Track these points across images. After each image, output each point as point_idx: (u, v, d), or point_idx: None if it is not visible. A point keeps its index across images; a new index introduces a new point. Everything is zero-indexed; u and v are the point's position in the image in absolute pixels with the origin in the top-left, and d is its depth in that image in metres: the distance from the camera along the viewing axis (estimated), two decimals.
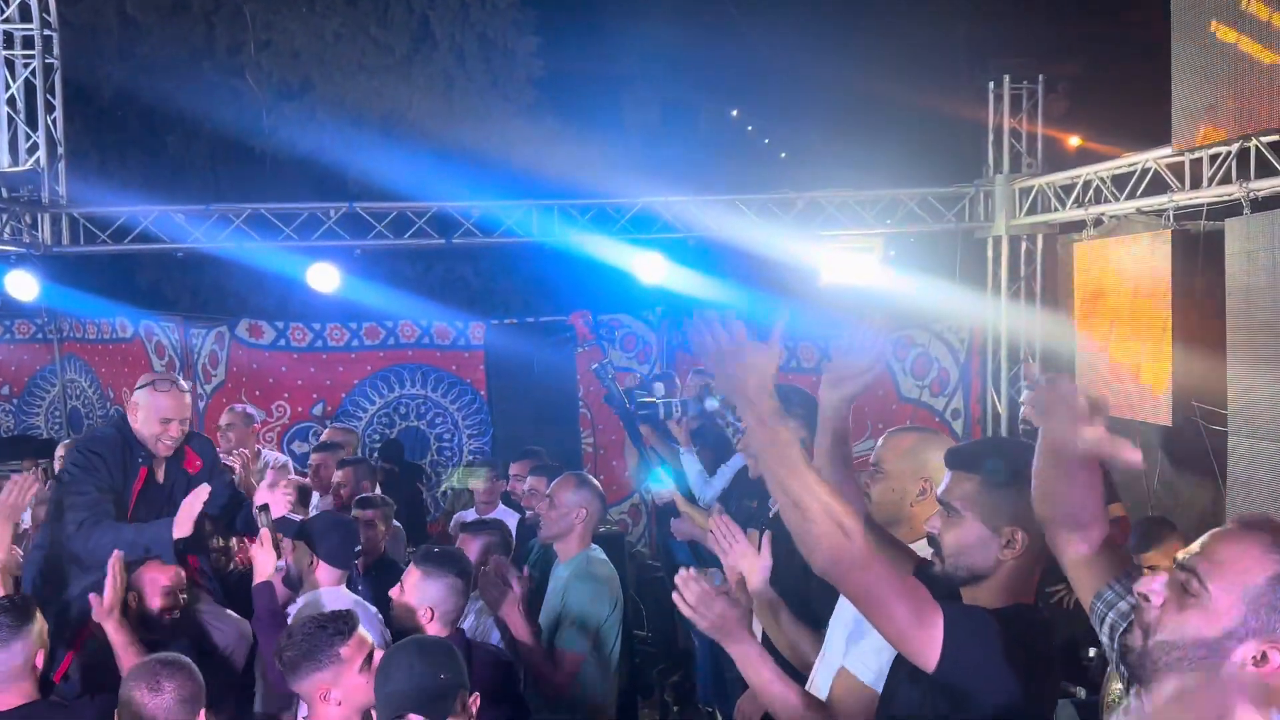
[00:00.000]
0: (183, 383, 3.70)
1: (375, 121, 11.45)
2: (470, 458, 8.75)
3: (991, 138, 7.47)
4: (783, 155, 19.17)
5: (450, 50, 11.94)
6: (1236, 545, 1.43)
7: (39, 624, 2.73)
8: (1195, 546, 1.47)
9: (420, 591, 2.92)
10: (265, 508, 3.42)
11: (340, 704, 2.53)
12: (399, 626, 2.96)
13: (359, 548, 3.62)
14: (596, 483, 3.77)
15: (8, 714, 2.61)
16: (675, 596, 2.28)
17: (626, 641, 5.07)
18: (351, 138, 11.11)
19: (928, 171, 8.76)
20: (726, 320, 1.91)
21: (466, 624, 3.24)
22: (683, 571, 2.30)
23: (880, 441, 2.56)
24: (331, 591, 3.31)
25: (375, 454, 7.96)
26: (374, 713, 2.36)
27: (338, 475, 4.89)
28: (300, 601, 3.29)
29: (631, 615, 6.19)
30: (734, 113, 20.85)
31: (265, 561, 3.24)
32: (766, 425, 1.82)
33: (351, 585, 3.57)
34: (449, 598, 2.94)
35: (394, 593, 3.04)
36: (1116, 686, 3.06)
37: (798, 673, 2.51)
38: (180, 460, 3.67)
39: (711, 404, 4.64)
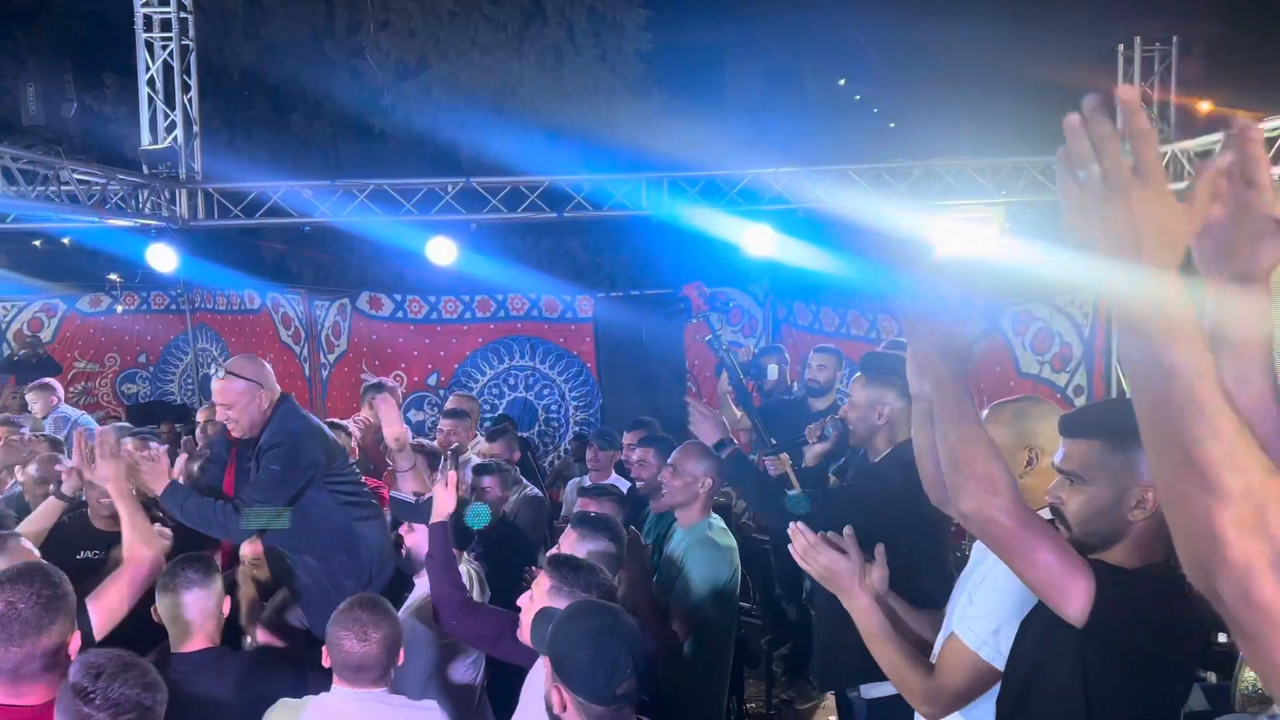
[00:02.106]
0: (226, 376, 3.72)
1: (488, 98, 11.64)
2: (576, 429, 8.90)
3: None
4: (891, 124, 18.70)
5: (560, 25, 12.04)
6: None
7: (220, 579, 2.95)
8: None
9: (577, 553, 3.02)
10: (457, 449, 3.59)
11: None
12: None
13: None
14: (715, 452, 3.81)
15: (196, 654, 2.80)
16: (789, 547, 2.35)
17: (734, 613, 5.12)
18: (465, 115, 11.33)
19: (1050, 139, 8.42)
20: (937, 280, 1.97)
21: None
22: (793, 525, 2.34)
23: (983, 415, 2.52)
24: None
25: (488, 424, 8.17)
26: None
27: (491, 446, 5.05)
28: (421, 585, 3.45)
29: (737, 590, 6.24)
30: (841, 81, 20.41)
31: (446, 502, 3.28)
32: (951, 384, 1.90)
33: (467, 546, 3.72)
34: (603, 560, 3.05)
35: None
36: (1250, 674, 2.96)
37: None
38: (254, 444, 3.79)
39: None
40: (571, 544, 3.05)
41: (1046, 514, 2.17)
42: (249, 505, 3.57)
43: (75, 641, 2.31)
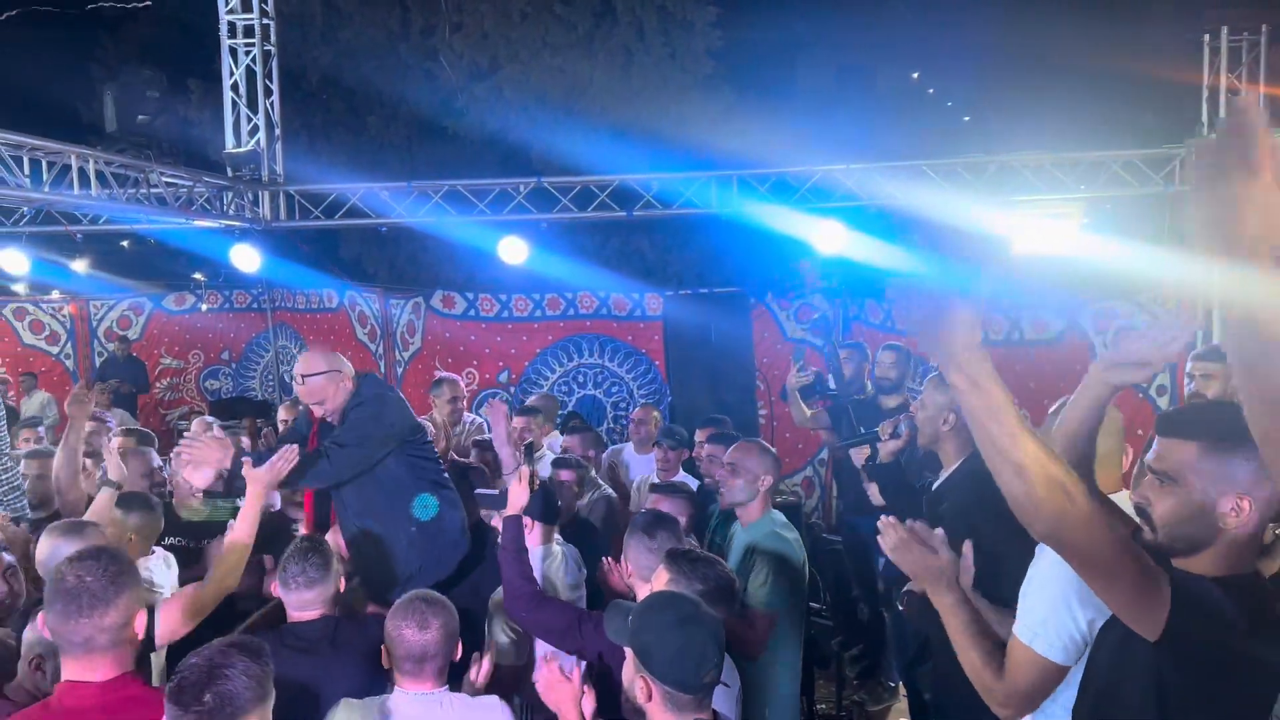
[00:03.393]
0: (304, 366, 3.83)
1: (558, 98, 11.75)
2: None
3: (1206, 94, 6.94)
4: (966, 119, 18.33)
5: (630, 25, 12.08)
6: None
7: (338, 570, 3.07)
8: None
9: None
10: (530, 446, 3.68)
11: None
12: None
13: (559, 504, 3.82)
14: (773, 450, 3.82)
15: (314, 622, 2.93)
16: (879, 539, 2.36)
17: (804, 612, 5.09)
18: (536, 115, 11.46)
19: (1130, 133, 8.23)
20: (921, 284, 1.77)
21: None
22: (883, 519, 2.33)
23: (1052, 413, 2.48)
24: (541, 549, 3.52)
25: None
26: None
27: (569, 440, 5.13)
28: None
29: (807, 587, 6.20)
30: (914, 75, 20.08)
31: (519, 496, 3.35)
32: (979, 386, 1.67)
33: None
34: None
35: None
36: None
37: None
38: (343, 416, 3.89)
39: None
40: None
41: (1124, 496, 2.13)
42: (334, 451, 3.67)
43: (141, 620, 2.39)
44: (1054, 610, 2.10)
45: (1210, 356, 4.37)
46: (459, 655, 2.79)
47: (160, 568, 3.65)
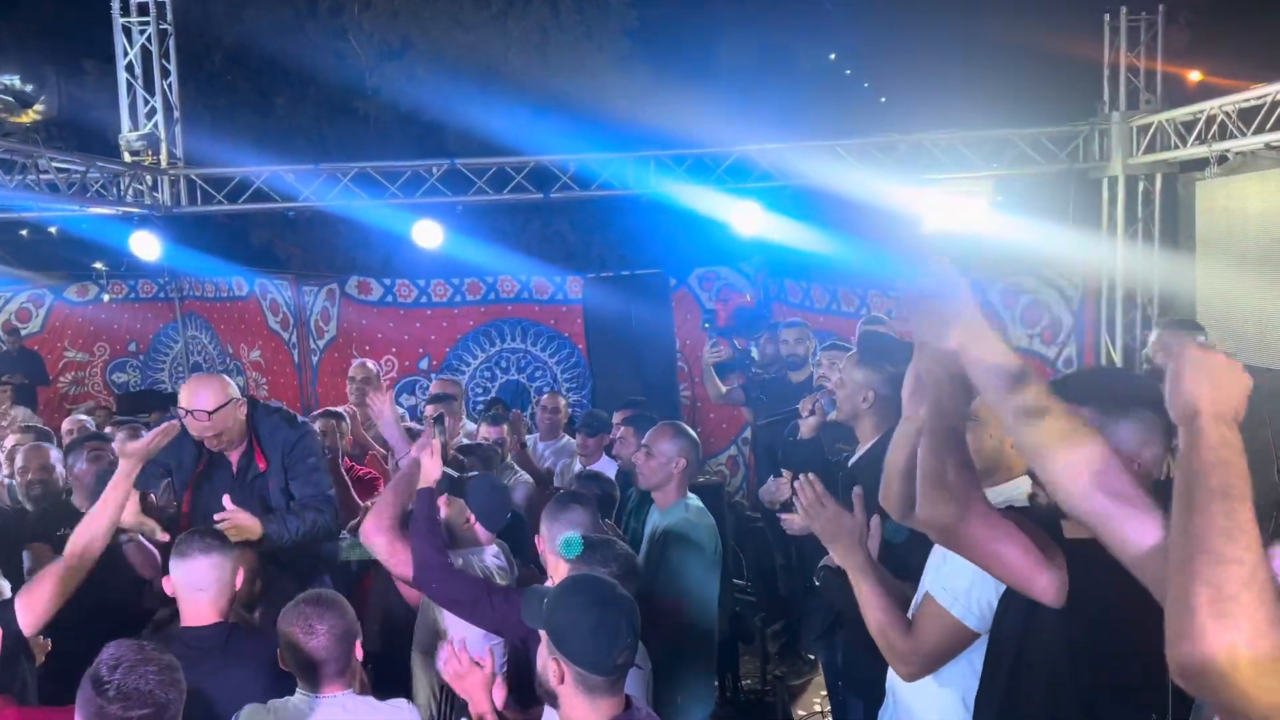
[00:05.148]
0: (202, 405, 3.54)
1: (472, 77, 11.56)
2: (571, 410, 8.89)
3: (1107, 73, 7.11)
4: (883, 99, 18.59)
5: (545, 3, 11.94)
6: None
7: (237, 554, 2.93)
8: None
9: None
10: (440, 419, 3.61)
11: None
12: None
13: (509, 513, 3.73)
14: (693, 433, 3.80)
15: (209, 629, 2.75)
16: (794, 499, 2.41)
17: (726, 590, 5.12)
18: (450, 95, 11.25)
19: (1038, 111, 8.39)
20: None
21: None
22: (803, 476, 2.35)
23: None
24: (488, 550, 3.43)
25: (479, 408, 8.16)
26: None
27: (491, 432, 5.04)
28: (457, 558, 3.41)
29: (731, 564, 6.24)
30: (832, 56, 20.27)
31: (431, 469, 3.28)
32: (951, 417, 1.86)
33: None
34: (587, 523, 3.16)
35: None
36: None
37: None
38: (251, 454, 3.69)
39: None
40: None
41: (1028, 484, 2.16)
42: (325, 502, 3.63)
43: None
44: (981, 580, 2.13)
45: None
46: (361, 654, 2.69)
47: None
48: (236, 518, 3.36)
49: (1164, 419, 1.82)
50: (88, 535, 2.96)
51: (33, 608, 2.78)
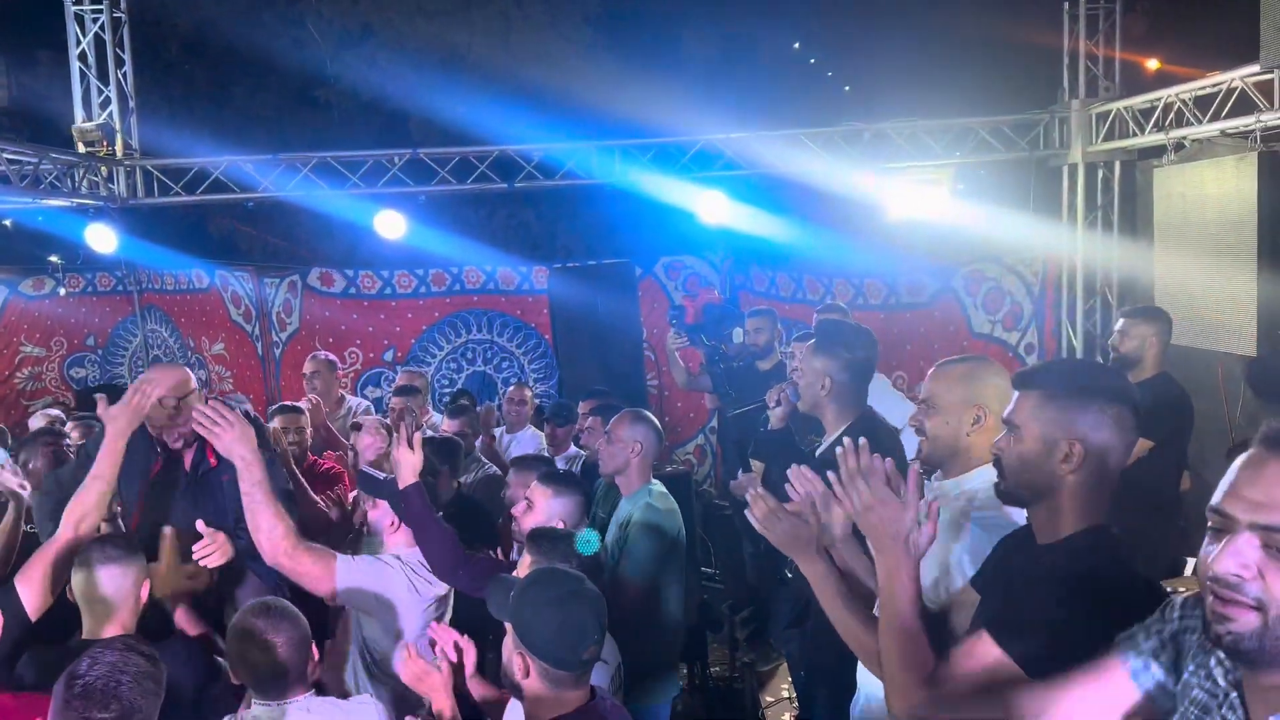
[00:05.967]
0: (171, 390, 3.48)
1: (435, 65, 11.45)
2: (536, 402, 8.86)
3: (1067, 61, 7.18)
4: (847, 89, 18.66)
5: None
6: None
7: (143, 561, 2.86)
8: (1238, 488, 1.31)
9: (551, 508, 3.21)
10: (411, 411, 3.56)
11: None
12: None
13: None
14: (654, 419, 3.81)
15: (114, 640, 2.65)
16: (746, 512, 2.30)
17: (694, 578, 5.13)
18: (412, 83, 11.15)
19: (999, 99, 8.47)
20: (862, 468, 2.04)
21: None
22: (753, 490, 2.32)
23: (929, 375, 2.51)
24: (408, 552, 3.38)
25: (445, 400, 8.11)
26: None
27: (452, 424, 5.00)
28: (370, 557, 3.36)
29: (699, 553, 6.26)
30: (796, 45, 20.30)
31: (411, 461, 3.17)
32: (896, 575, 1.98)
33: None
34: (575, 513, 3.24)
35: (519, 510, 3.29)
36: None
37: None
38: (203, 450, 3.59)
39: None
40: (546, 502, 3.24)
41: (987, 475, 2.18)
42: (286, 498, 3.52)
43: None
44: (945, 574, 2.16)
45: (1131, 315, 4.70)
46: (319, 655, 2.66)
47: None
48: (217, 540, 3.26)
49: (1125, 410, 1.86)
50: (80, 510, 2.92)
51: (33, 588, 2.75)
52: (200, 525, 3.27)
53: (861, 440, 2.08)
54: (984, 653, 1.80)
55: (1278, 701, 1.30)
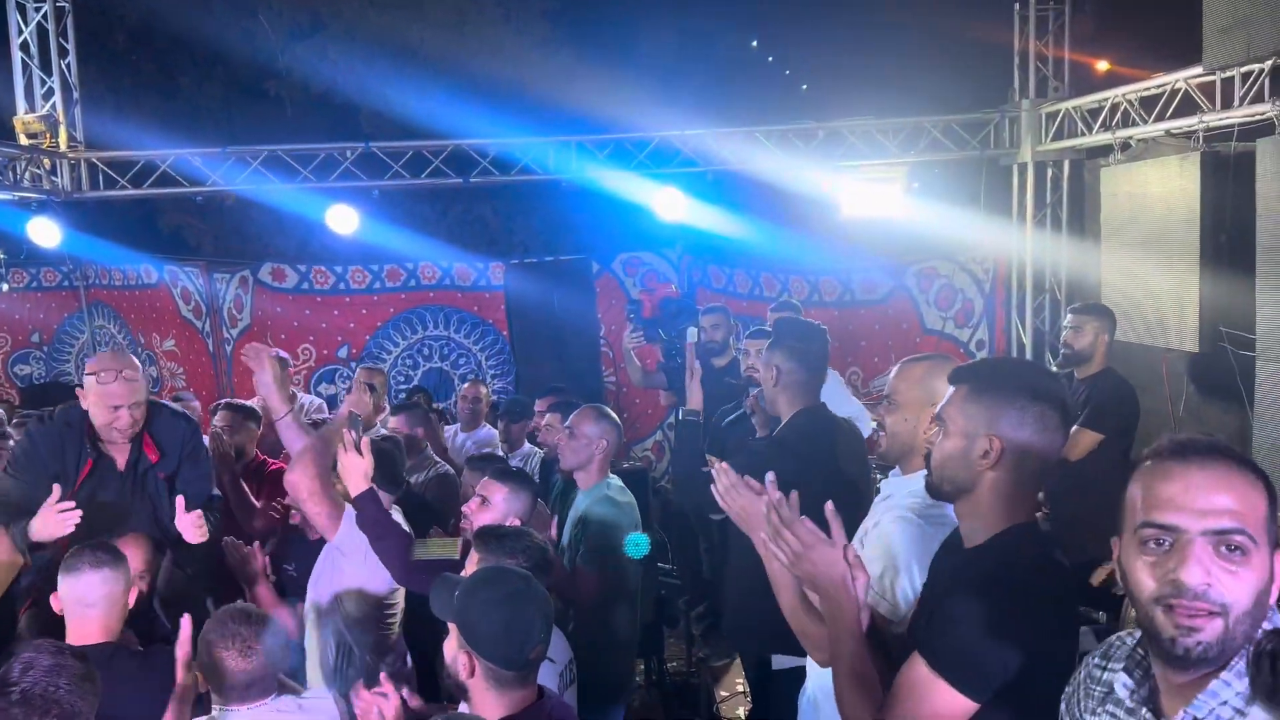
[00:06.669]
0: (130, 369, 3.46)
1: (387, 58, 11.31)
2: (493, 399, 8.81)
3: (1017, 61, 7.29)
4: (804, 87, 18.76)
5: None
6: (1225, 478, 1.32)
7: (127, 571, 2.81)
8: (1175, 500, 1.33)
9: (508, 505, 3.22)
10: (355, 416, 3.54)
11: None
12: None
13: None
14: (615, 415, 3.83)
15: (93, 648, 2.60)
16: (712, 486, 2.29)
17: (651, 573, 5.14)
18: (364, 76, 11.01)
19: (952, 98, 8.56)
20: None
21: None
22: (719, 464, 2.33)
23: (893, 372, 2.54)
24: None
25: (401, 396, 8.03)
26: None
27: (395, 421, 4.94)
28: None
29: (656, 548, 6.27)
30: (753, 43, 20.37)
31: (360, 467, 3.19)
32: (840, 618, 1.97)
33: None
34: (528, 510, 3.25)
35: (470, 507, 3.27)
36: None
37: None
38: (140, 446, 3.54)
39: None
40: (503, 498, 3.26)
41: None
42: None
43: None
44: (897, 570, 2.17)
45: (1083, 310, 4.81)
46: (289, 659, 2.67)
47: None
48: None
49: (1049, 410, 1.87)
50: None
51: None
52: (180, 502, 3.36)
53: (793, 494, 2.06)
54: (921, 678, 1.79)
55: (1191, 695, 1.34)
